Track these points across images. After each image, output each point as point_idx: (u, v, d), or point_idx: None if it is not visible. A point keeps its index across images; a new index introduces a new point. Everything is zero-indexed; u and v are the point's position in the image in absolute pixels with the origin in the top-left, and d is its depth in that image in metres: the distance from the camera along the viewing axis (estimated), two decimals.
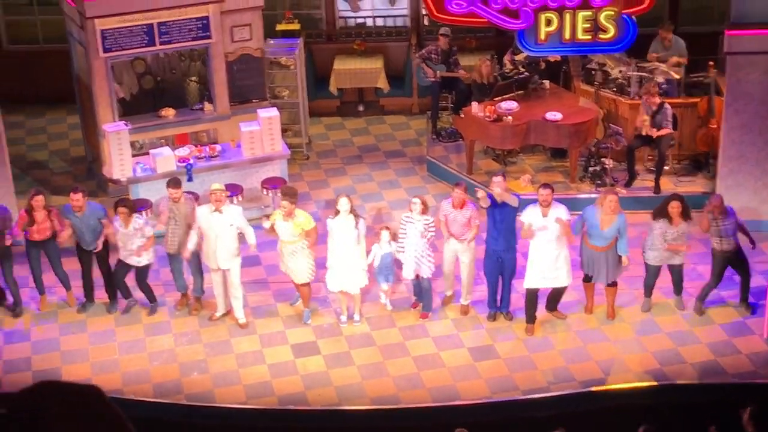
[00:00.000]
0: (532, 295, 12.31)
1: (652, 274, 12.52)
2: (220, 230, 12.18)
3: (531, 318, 12.41)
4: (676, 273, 12.53)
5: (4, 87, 16.81)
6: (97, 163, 15.27)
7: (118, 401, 11.39)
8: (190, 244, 12.36)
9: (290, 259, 12.33)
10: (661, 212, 12.20)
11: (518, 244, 12.34)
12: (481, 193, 12.09)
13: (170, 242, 12.63)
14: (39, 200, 12.51)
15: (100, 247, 12.59)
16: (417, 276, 12.49)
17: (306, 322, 12.68)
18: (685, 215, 12.16)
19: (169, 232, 12.61)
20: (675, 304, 12.72)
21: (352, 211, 12.26)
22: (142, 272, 12.67)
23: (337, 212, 12.24)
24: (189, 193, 13.17)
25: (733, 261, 12.32)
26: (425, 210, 12.23)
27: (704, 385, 11.63)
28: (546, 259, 11.98)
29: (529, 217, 11.94)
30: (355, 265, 12.37)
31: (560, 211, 11.97)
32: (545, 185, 12.05)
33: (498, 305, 12.61)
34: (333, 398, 11.59)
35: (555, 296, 12.49)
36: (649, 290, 12.68)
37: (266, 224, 12.33)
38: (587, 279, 12.45)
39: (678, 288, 12.68)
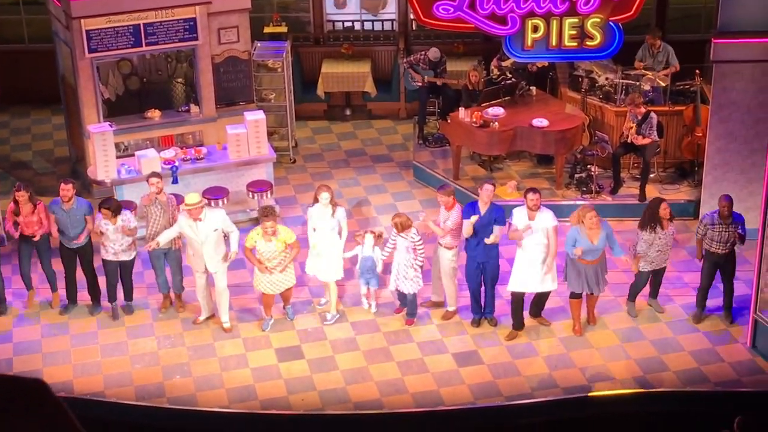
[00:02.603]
0: (518, 300, 12.29)
1: (642, 280, 12.52)
2: (205, 237, 12.13)
3: (519, 324, 12.39)
4: (660, 276, 12.54)
5: None
6: (82, 164, 15.20)
7: (99, 404, 11.41)
8: (161, 239, 12.26)
9: (277, 273, 12.29)
10: (650, 219, 12.18)
11: (499, 250, 12.31)
12: (468, 223, 12.04)
13: (150, 237, 12.58)
14: (22, 195, 12.45)
15: (81, 240, 12.52)
16: (398, 289, 12.49)
17: (291, 319, 12.68)
18: (671, 218, 12.20)
19: (148, 232, 12.56)
20: (652, 306, 12.77)
21: (332, 200, 12.25)
22: (127, 266, 12.62)
23: (316, 201, 12.25)
24: (174, 195, 13.11)
25: (722, 267, 12.34)
26: (403, 228, 12.14)
27: (687, 392, 11.64)
28: (532, 263, 11.97)
29: (517, 219, 11.94)
30: (330, 255, 12.34)
31: (548, 216, 11.96)
32: (533, 190, 12.03)
33: (482, 311, 12.60)
34: (316, 403, 11.55)
35: (539, 302, 12.48)
36: (634, 295, 12.69)
37: (248, 244, 12.23)
38: (575, 296, 12.40)
39: (655, 291, 12.71)
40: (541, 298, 12.43)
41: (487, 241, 12.01)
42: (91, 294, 12.93)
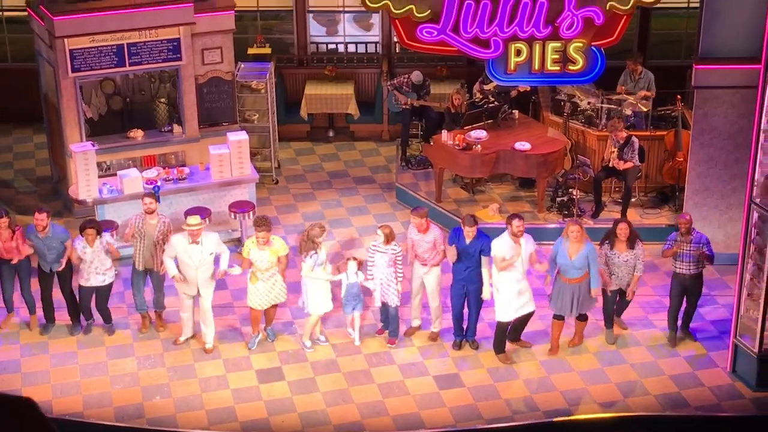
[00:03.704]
0: (504, 327, 12.31)
1: (609, 301, 12.53)
2: (199, 262, 12.14)
3: (501, 348, 12.40)
4: (625, 299, 12.59)
5: None
6: (63, 183, 15.17)
7: (78, 425, 11.34)
8: (171, 271, 12.25)
9: (266, 285, 12.28)
10: (606, 236, 12.28)
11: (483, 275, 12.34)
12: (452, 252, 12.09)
13: (137, 259, 12.56)
14: (3, 222, 12.41)
15: (63, 266, 12.50)
16: (384, 303, 12.49)
17: (271, 340, 12.68)
18: (631, 242, 12.19)
19: (136, 249, 12.54)
20: (617, 323, 12.80)
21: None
22: (104, 292, 12.58)
23: (315, 245, 12.13)
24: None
25: (691, 287, 12.40)
26: (390, 240, 12.23)
27: (667, 417, 11.66)
28: (516, 290, 11.99)
29: (502, 250, 11.92)
30: (323, 289, 12.34)
31: (529, 241, 12.01)
32: (519, 216, 12.02)
33: (464, 333, 12.60)
34: (296, 425, 11.51)
35: (520, 325, 12.49)
36: (609, 320, 12.70)
37: (244, 253, 12.26)
38: (557, 317, 12.43)
39: (621, 311, 12.79)
40: (522, 322, 12.44)
41: (486, 288, 12.07)
42: (70, 314, 12.87)
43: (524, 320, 12.38)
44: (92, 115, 15.23)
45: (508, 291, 12.00)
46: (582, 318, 12.45)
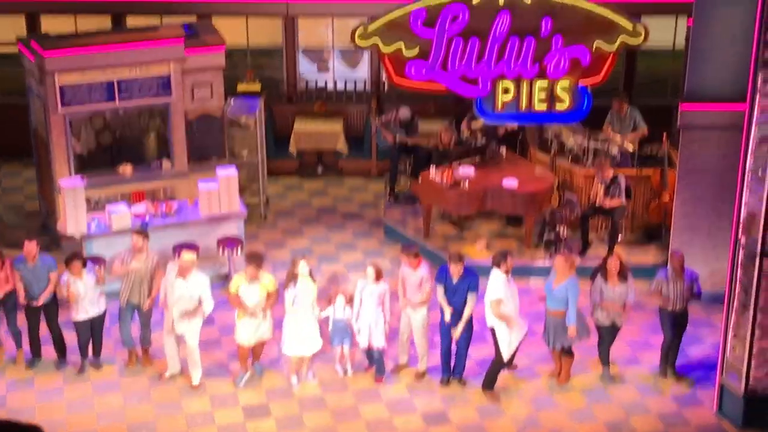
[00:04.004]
0: (503, 365, 12.31)
1: (605, 336, 12.54)
2: (180, 295, 12.14)
3: (492, 385, 12.41)
4: (614, 334, 12.62)
5: None
6: (52, 218, 15.17)
7: None
8: (170, 300, 12.30)
9: (254, 322, 12.27)
10: (597, 268, 12.36)
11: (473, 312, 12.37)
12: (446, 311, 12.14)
13: (124, 295, 12.55)
14: None
15: (41, 301, 12.47)
16: (369, 346, 12.49)
17: (258, 375, 12.65)
18: (623, 276, 12.27)
19: (123, 285, 12.53)
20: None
21: (310, 274, 12.28)
22: (100, 322, 12.58)
23: (295, 276, 12.19)
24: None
25: (676, 324, 12.46)
26: (379, 277, 12.27)
27: None
28: (515, 327, 12.07)
29: (499, 292, 11.92)
30: (312, 328, 12.34)
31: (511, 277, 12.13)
32: (509, 253, 12.10)
33: (452, 370, 12.61)
34: None
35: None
36: (605, 357, 12.70)
37: (232, 288, 12.27)
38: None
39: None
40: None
41: (461, 324, 12.09)
42: (57, 349, 12.84)
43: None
44: (81, 150, 15.25)
45: (506, 329, 12.03)
46: (567, 354, 12.47)
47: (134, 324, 12.84)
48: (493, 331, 12.17)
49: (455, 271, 12.08)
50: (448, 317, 12.15)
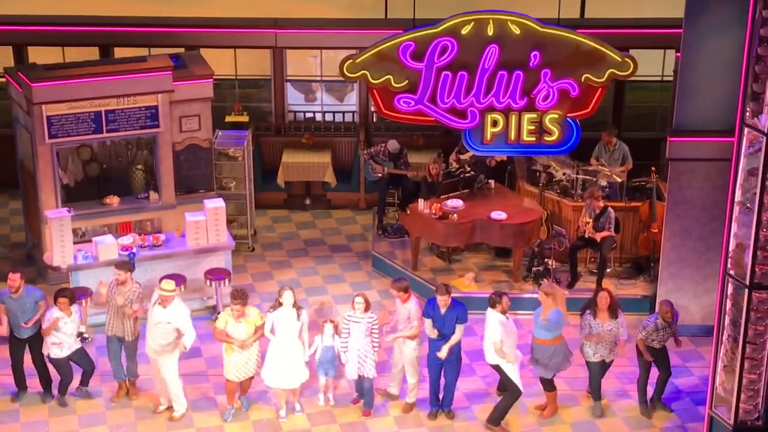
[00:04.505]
0: (516, 399, 12.28)
1: (595, 372, 12.52)
2: (156, 322, 12.04)
3: (499, 421, 12.35)
4: (605, 368, 12.58)
5: None
6: (38, 249, 15.07)
7: None
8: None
9: (243, 357, 12.19)
10: (587, 304, 12.34)
11: (461, 344, 12.31)
12: (429, 328, 12.11)
13: (109, 326, 12.45)
14: None
15: (30, 324, 12.32)
16: (360, 376, 12.40)
17: (246, 408, 12.54)
18: (612, 312, 12.23)
19: (109, 316, 12.44)
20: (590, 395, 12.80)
21: (295, 304, 12.19)
22: (82, 352, 12.48)
23: (279, 304, 12.15)
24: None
25: (658, 359, 12.43)
26: (368, 308, 12.22)
27: None
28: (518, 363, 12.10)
29: (498, 333, 11.89)
30: (297, 359, 12.25)
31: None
32: (504, 294, 12.09)
33: (440, 404, 12.52)
34: None
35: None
36: (596, 392, 12.64)
37: (219, 324, 12.18)
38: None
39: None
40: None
41: (446, 347, 12.04)
42: (42, 382, 12.71)
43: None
44: (68, 181, 15.20)
45: (510, 364, 12.03)
46: (548, 388, 12.40)
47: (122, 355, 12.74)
48: (498, 368, 12.14)
49: (442, 302, 12.05)
50: (439, 351, 12.09)
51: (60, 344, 12.28)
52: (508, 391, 12.24)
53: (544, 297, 12.05)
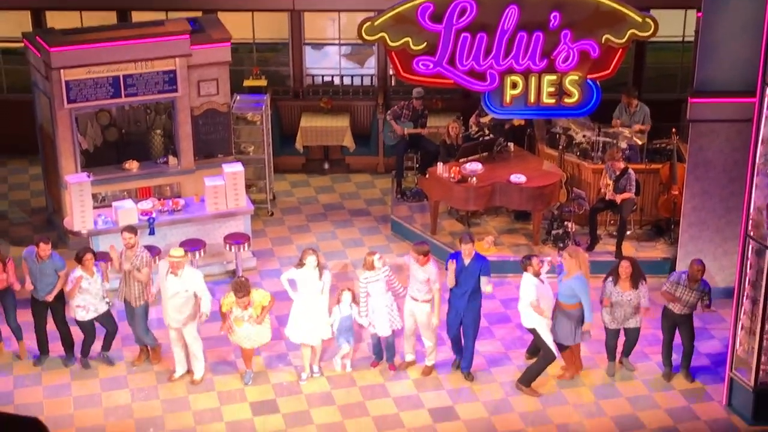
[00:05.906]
0: (551, 362, 12.30)
1: (611, 336, 12.52)
2: (173, 293, 12.06)
3: (530, 382, 12.39)
4: (632, 336, 12.55)
5: None
6: (58, 214, 15.13)
7: None
8: (154, 289, 12.35)
9: (254, 329, 12.23)
10: (610, 271, 12.30)
11: (481, 303, 12.31)
12: (450, 272, 12.09)
13: (120, 291, 12.50)
14: None
15: (50, 298, 12.42)
16: (390, 331, 12.42)
17: (248, 383, 12.55)
18: (634, 281, 12.18)
19: (122, 281, 12.49)
20: (624, 365, 12.74)
21: (318, 265, 12.20)
22: (109, 316, 12.56)
23: (302, 265, 12.17)
24: (148, 247, 13.04)
25: (682, 326, 12.38)
26: (371, 265, 12.19)
27: None
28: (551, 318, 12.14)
29: (532, 292, 11.88)
30: (319, 317, 12.29)
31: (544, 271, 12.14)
32: (534, 255, 12.11)
33: (461, 354, 12.55)
34: None
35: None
36: (611, 353, 12.66)
37: (224, 308, 12.21)
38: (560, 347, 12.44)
39: (628, 351, 12.72)
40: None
41: (487, 290, 12.12)
42: (64, 346, 12.80)
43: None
44: (87, 147, 15.23)
45: (546, 327, 12.05)
46: (563, 348, 12.38)
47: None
48: (534, 331, 12.14)
49: (466, 250, 12.03)
50: (451, 283, 12.05)
51: (85, 307, 12.34)
52: (540, 354, 12.24)
53: (568, 258, 11.99)
